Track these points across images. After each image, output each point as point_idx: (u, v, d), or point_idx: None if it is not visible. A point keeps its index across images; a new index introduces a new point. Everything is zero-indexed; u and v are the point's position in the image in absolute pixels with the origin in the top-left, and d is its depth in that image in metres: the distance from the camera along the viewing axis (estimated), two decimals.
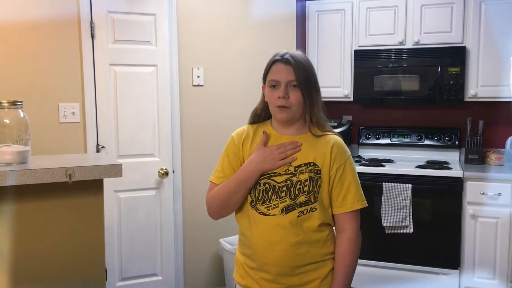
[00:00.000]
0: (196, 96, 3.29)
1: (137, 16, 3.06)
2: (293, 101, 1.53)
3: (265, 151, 1.56)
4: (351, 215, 1.57)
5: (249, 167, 1.56)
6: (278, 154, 1.55)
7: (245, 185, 1.56)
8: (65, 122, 2.91)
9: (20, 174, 1.69)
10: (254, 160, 1.56)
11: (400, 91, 3.60)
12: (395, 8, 3.56)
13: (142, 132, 3.13)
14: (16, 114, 1.83)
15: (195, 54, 3.27)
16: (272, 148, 1.57)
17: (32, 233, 1.80)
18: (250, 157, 1.58)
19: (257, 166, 1.55)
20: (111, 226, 3.04)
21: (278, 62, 1.55)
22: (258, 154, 1.56)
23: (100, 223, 1.93)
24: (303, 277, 1.56)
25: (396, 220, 3.28)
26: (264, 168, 1.55)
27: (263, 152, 1.56)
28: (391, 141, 3.90)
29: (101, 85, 2.99)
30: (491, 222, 3.15)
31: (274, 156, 1.55)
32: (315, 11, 3.80)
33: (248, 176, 1.55)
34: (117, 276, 3.11)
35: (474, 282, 3.22)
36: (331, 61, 3.77)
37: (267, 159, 1.54)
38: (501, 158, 3.51)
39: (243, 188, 1.56)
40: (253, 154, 1.57)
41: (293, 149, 1.56)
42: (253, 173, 1.55)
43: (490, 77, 3.37)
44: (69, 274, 1.86)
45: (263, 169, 1.55)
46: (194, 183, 3.29)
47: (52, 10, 2.82)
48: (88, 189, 1.87)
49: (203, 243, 3.37)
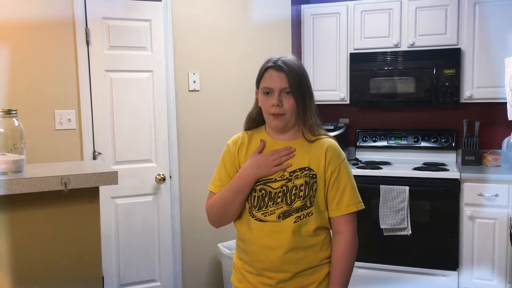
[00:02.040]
0: (192, 101, 3.30)
1: (132, 22, 3.06)
2: (287, 108, 1.53)
3: (259, 158, 1.56)
4: (347, 217, 1.56)
5: (244, 174, 1.56)
6: (273, 160, 1.55)
7: (242, 193, 1.56)
8: (61, 129, 2.91)
9: (15, 183, 1.69)
10: (248, 167, 1.56)
11: (396, 94, 3.60)
12: (389, 11, 3.57)
13: (139, 138, 3.13)
14: (10, 123, 1.83)
15: (191, 59, 3.27)
16: (267, 154, 1.57)
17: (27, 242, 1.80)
18: (244, 164, 1.58)
19: (252, 173, 1.54)
20: (108, 232, 3.03)
21: (271, 69, 1.55)
22: (253, 161, 1.56)
23: (96, 230, 1.92)
24: (301, 281, 1.56)
25: (394, 223, 3.28)
26: (259, 174, 1.55)
27: (257, 159, 1.56)
28: (388, 144, 3.91)
29: (97, 92, 2.99)
30: (488, 223, 3.16)
31: (268, 163, 1.55)
32: (310, 14, 3.80)
33: (243, 183, 1.55)
34: (115, 282, 3.10)
35: (472, 283, 3.22)
36: (327, 65, 3.78)
37: (261, 165, 1.54)
38: (498, 159, 3.52)
39: (240, 196, 1.56)
40: (248, 161, 1.57)
41: (287, 155, 1.56)
42: (248, 180, 1.55)
43: (486, 78, 3.38)
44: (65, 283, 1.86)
45: (258, 176, 1.55)
46: (192, 188, 3.29)
47: (46, 16, 2.82)
48: (84, 197, 1.87)
49: (201, 248, 3.36)
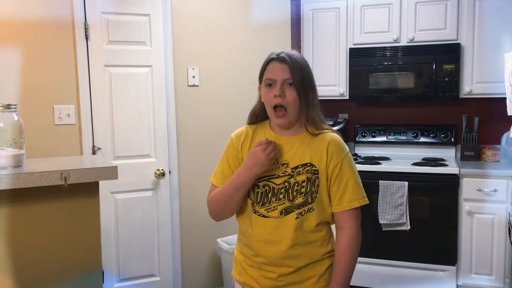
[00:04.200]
0: (192, 96, 3.29)
1: (131, 17, 3.05)
2: (289, 100, 1.52)
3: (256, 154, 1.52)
4: (349, 213, 1.56)
5: (243, 172, 1.54)
6: (267, 154, 1.51)
7: (242, 189, 1.55)
8: (60, 124, 2.90)
9: (15, 178, 1.68)
10: (247, 165, 1.54)
11: (396, 89, 3.60)
12: (389, 5, 3.56)
13: (138, 133, 3.13)
14: (10, 118, 1.82)
15: (190, 55, 3.26)
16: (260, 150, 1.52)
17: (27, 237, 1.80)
18: (243, 162, 1.56)
19: (251, 171, 1.53)
20: (108, 227, 3.03)
21: (274, 60, 1.54)
22: (250, 158, 1.54)
23: (96, 225, 1.92)
24: (301, 275, 1.58)
25: (393, 218, 3.29)
26: (259, 172, 1.53)
27: (254, 156, 1.53)
28: (387, 139, 3.91)
29: (96, 87, 2.99)
30: (487, 218, 3.17)
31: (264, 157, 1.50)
32: (310, 9, 3.79)
33: (244, 180, 1.54)
34: (115, 277, 3.11)
35: (471, 278, 3.23)
36: (326, 60, 3.77)
37: (259, 162, 1.51)
38: (497, 154, 3.52)
39: (240, 192, 1.56)
40: (246, 159, 1.55)
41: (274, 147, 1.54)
42: (250, 177, 1.53)
43: (485, 73, 3.38)
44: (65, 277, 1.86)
45: (258, 173, 1.54)
46: (191, 183, 3.29)
47: (45, 12, 2.81)
48: (84, 192, 1.87)
49: (201, 243, 3.37)
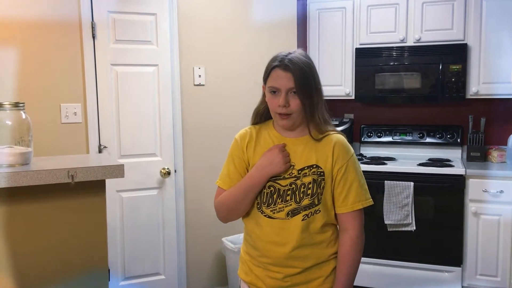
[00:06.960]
0: (198, 95, 3.30)
1: (138, 16, 3.06)
2: (293, 108, 1.52)
3: (271, 156, 1.55)
4: (353, 214, 1.56)
5: (257, 173, 1.55)
6: (284, 157, 1.54)
7: (253, 191, 1.56)
8: (67, 123, 2.92)
9: (23, 176, 1.69)
10: (261, 166, 1.55)
11: (402, 89, 3.59)
12: (396, 5, 3.55)
13: (144, 132, 3.14)
14: (18, 116, 1.83)
15: (196, 54, 3.27)
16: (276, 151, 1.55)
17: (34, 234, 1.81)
18: (257, 163, 1.57)
19: (263, 171, 1.54)
20: (113, 226, 3.05)
21: (277, 68, 1.52)
22: (264, 158, 1.55)
23: (102, 223, 1.93)
24: (308, 275, 1.58)
25: (398, 218, 3.28)
26: (272, 172, 1.54)
27: (269, 157, 1.55)
28: (392, 139, 3.90)
29: (102, 85, 3.00)
30: (493, 219, 3.15)
31: (280, 160, 1.53)
32: (316, 9, 3.79)
33: (256, 181, 1.55)
34: (120, 275, 3.12)
35: (476, 279, 3.22)
36: (333, 60, 3.77)
37: (274, 162, 1.53)
38: (503, 155, 3.51)
39: (251, 194, 1.57)
40: (260, 160, 1.56)
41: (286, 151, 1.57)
42: (261, 178, 1.55)
43: (492, 74, 3.36)
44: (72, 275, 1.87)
45: (271, 174, 1.55)
46: (196, 182, 3.30)
47: (53, 11, 2.82)
48: (90, 190, 1.87)
49: (206, 242, 3.37)
